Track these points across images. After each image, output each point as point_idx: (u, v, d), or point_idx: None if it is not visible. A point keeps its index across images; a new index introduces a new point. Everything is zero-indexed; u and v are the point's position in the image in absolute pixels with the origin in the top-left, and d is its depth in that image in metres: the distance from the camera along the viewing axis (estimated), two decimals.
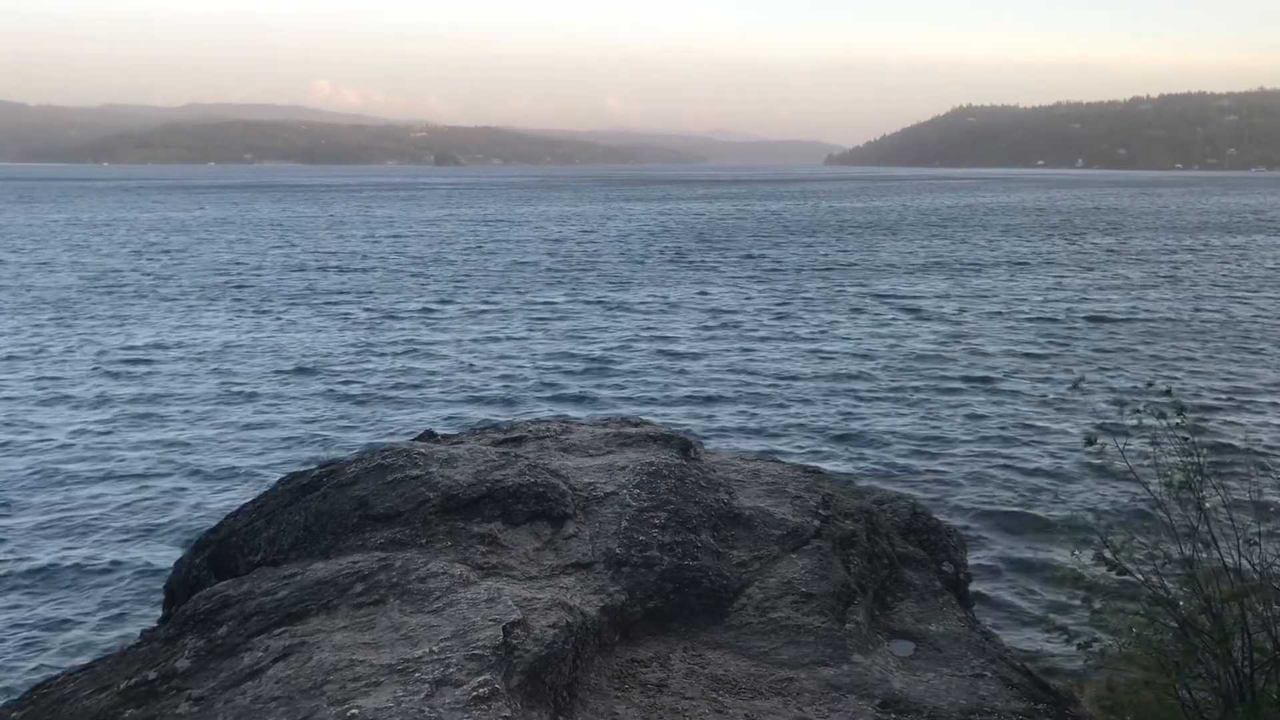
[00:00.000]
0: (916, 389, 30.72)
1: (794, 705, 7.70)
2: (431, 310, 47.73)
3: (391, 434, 25.14)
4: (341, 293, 54.36)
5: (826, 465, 20.28)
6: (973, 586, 12.29)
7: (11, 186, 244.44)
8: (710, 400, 29.77)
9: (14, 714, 7.49)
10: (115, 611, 16.32)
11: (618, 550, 9.16)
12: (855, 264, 68.83)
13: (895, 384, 31.44)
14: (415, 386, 31.67)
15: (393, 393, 30.86)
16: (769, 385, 31.53)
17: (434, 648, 6.91)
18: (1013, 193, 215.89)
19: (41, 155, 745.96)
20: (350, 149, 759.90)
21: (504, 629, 7.14)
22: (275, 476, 15.99)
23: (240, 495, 19.92)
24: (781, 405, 29.05)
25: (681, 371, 33.76)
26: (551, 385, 31.99)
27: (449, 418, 27.49)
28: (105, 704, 7.13)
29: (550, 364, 35.05)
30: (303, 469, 11.62)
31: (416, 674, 6.57)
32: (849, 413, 28.05)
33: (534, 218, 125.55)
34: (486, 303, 50.17)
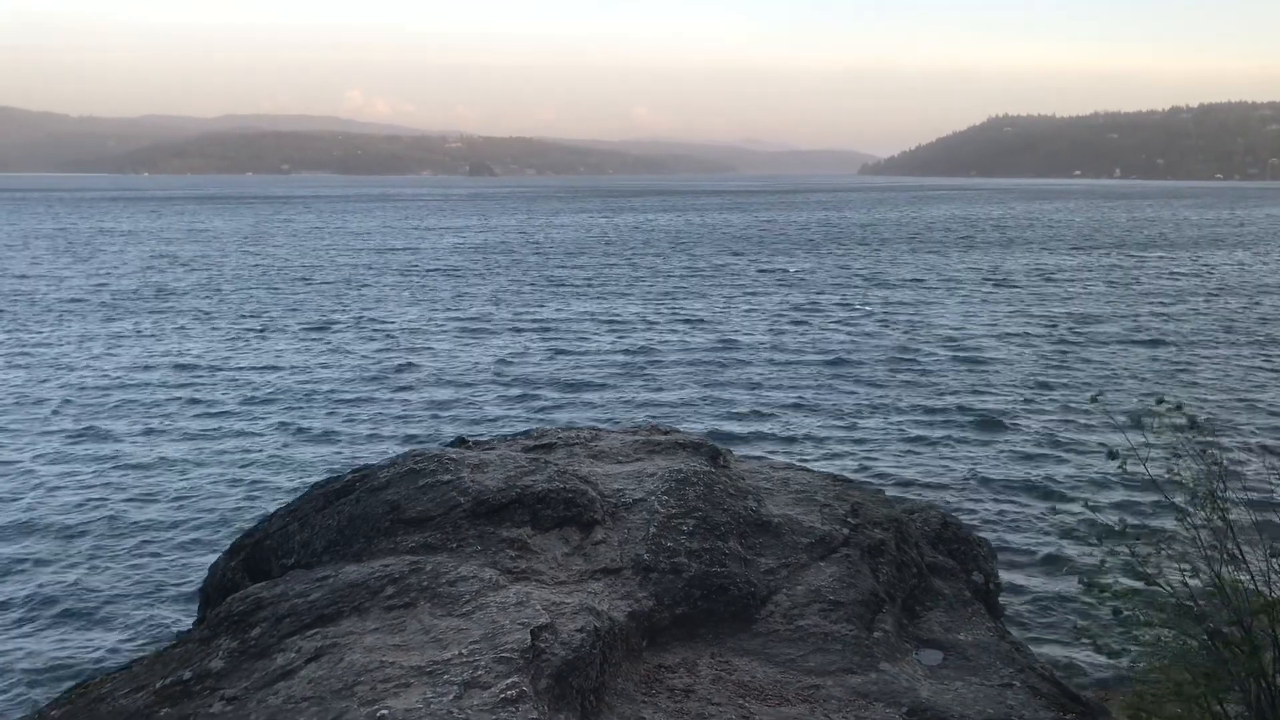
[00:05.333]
0: (945, 400, 30.58)
1: (821, 712, 7.70)
2: (462, 320, 48.02)
3: (423, 440, 25.34)
4: (375, 303, 54.81)
5: (855, 474, 20.24)
6: (1002, 596, 12.23)
7: (61, 197, 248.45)
8: (739, 408, 29.76)
9: (54, 712, 7.63)
10: (152, 614, 16.55)
11: (646, 556, 9.19)
12: (884, 276, 68.55)
13: (924, 395, 31.30)
14: (447, 394, 31.89)
15: (424, 400, 31.09)
16: (798, 395, 31.48)
17: (463, 650, 6.98)
18: (1045, 203, 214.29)
19: (82, 165, 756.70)
20: (385, 159, 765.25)
21: (532, 633, 7.19)
22: (309, 482, 16.16)
23: (274, 500, 20.15)
24: (810, 414, 28.99)
25: (710, 380, 33.77)
26: (581, 393, 32.11)
27: (480, 425, 27.66)
28: (141, 703, 7.25)
29: (580, 373, 35.16)
30: (336, 474, 11.75)
31: (445, 676, 6.64)
32: (878, 423, 27.96)
33: (566, 226, 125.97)
34: (517, 313, 50.40)
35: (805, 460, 23.06)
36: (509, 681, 6.55)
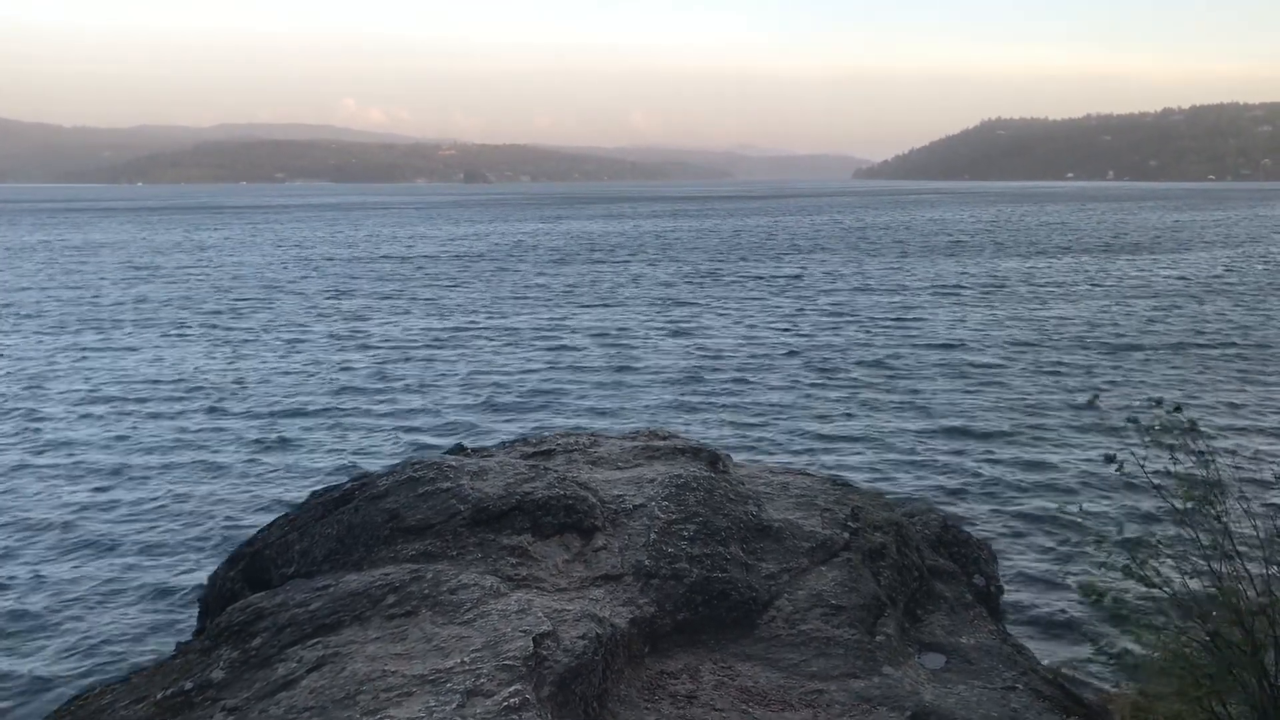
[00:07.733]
0: (944, 403, 30.60)
1: (824, 717, 7.69)
2: (459, 326, 48.00)
3: (422, 448, 25.30)
4: (368, 311, 54.78)
5: (856, 478, 20.22)
6: (1004, 599, 12.23)
7: (52, 208, 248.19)
8: (739, 413, 29.75)
9: None
10: (151, 625, 16.49)
11: (647, 562, 9.18)
12: (877, 279, 68.64)
13: (924, 398, 31.32)
14: (444, 401, 31.85)
15: (422, 408, 31.05)
16: (796, 399, 31.49)
17: (465, 658, 6.97)
18: (1038, 205, 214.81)
19: (76, 176, 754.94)
20: (380, 167, 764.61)
21: (534, 640, 7.19)
22: (308, 491, 16.11)
23: (273, 510, 20.09)
24: (809, 418, 28.98)
25: (710, 384, 33.76)
26: (580, 398, 32.08)
27: (478, 431, 27.62)
28: (142, 714, 7.22)
29: (578, 377, 35.15)
30: (335, 483, 11.73)
31: (448, 684, 6.63)
32: (878, 426, 27.96)
33: (558, 233, 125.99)
34: (513, 317, 50.41)
35: (805, 464, 23.04)
36: (512, 689, 6.54)
